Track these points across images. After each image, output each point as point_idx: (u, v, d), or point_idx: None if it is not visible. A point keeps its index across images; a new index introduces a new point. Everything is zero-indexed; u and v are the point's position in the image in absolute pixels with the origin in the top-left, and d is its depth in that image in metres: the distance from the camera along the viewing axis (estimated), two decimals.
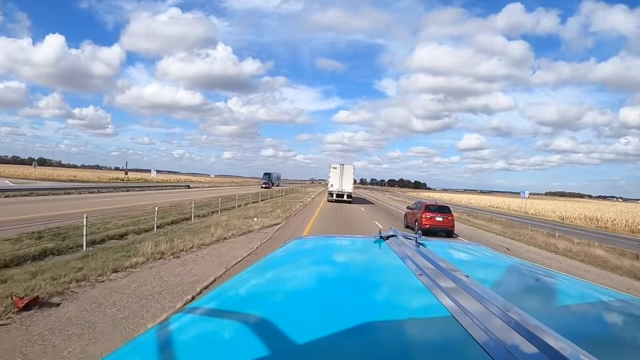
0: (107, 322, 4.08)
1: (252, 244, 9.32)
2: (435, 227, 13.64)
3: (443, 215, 14.05)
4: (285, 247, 1.30)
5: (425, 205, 14.55)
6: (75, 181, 43.43)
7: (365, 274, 1.03)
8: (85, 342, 3.56)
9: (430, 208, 14.30)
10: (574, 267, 10.75)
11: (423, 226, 13.34)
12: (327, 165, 29.97)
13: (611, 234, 26.40)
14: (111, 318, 4.21)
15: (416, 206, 15.40)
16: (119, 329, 3.95)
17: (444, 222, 13.90)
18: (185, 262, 7.09)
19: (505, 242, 14.73)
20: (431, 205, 14.67)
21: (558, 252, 13.39)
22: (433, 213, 14.03)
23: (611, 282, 9.16)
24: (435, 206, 14.58)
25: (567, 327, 0.66)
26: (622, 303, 0.89)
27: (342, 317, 0.66)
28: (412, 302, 0.78)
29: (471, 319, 0.58)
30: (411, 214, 15.65)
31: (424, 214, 13.93)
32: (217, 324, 0.69)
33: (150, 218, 10.87)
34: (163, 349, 0.59)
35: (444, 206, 14.94)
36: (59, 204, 16.26)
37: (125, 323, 4.11)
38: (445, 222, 13.92)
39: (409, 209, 16.88)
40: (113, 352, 0.60)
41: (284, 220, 14.84)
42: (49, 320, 3.99)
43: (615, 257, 12.71)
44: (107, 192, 27.80)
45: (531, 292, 0.97)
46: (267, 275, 0.99)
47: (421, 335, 0.63)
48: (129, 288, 5.29)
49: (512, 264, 1.22)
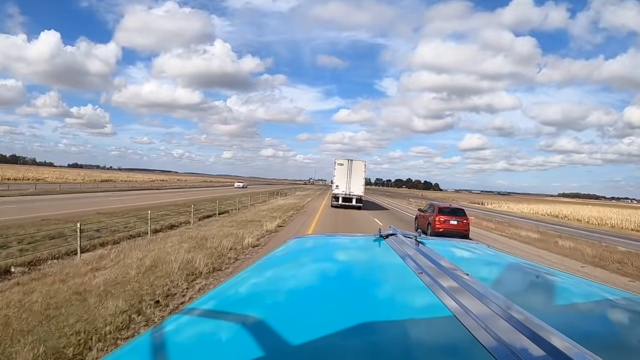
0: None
1: None
2: (450, 231, 12.76)
3: (458, 218, 13.19)
4: (285, 246, 1.28)
5: (438, 207, 13.73)
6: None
7: (366, 273, 1.03)
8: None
9: (444, 211, 13.49)
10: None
11: (436, 230, 12.62)
12: (328, 165, 25.17)
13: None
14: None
15: (428, 209, 14.57)
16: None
17: (459, 226, 13.01)
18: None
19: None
20: (445, 207, 13.89)
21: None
22: (447, 216, 13.19)
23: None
24: (449, 209, 13.81)
25: (571, 326, 0.65)
26: (627, 302, 0.86)
27: (342, 316, 0.66)
28: (412, 301, 0.77)
29: (473, 319, 0.57)
30: (423, 217, 14.74)
31: (438, 217, 13.10)
32: (217, 324, 0.67)
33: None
34: (163, 350, 0.58)
35: (459, 209, 14.09)
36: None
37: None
38: (460, 226, 13.02)
39: (420, 211, 16.00)
40: (112, 352, 0.61)
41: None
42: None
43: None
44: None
45: (533, 291, 0.96)
46: (266, 275, 0.99)
47: (422, 334, 0.63)
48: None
49: (514, 262, 1.20)
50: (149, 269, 6.24)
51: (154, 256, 7.13)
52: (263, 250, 9.19)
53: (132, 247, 8.25)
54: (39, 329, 3.73)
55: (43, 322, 3.93)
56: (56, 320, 3.99)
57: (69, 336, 3.61)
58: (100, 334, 3.75)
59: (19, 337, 3.51)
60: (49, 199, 22.09)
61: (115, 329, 3.91)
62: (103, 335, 3.74)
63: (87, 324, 3.91)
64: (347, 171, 23.10)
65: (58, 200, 22.02)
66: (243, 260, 7.92)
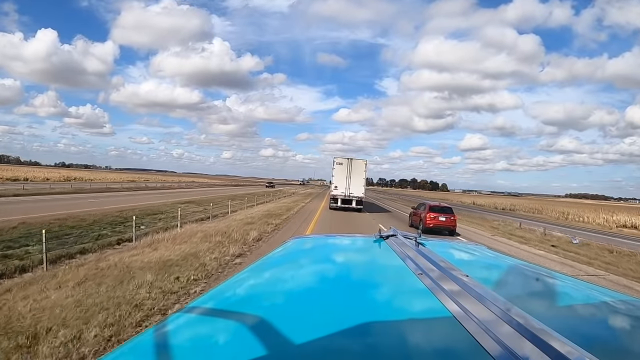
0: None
1: None
2: (439, 227, 14.58)
3: (446, 215, 14.96)
4: (284, 246, 1.29)
5: (429, 206, 15.47)
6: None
7: (365, 274, 1.03)
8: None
9: (434, 209, 15.23)
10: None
11: (427, 225, 14.33)
12: (328, 165, 22.84)
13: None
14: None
15: (420, 207, 16.37)
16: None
17: (447, 222, 14.81)
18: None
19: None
20: (435, 206, 15.60)
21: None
22: (437, 213, 14.95)
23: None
24: (439, 207, 15.51)
25: (572, 330, 0.65)
26: (630, 306, 0.87)
27: (342, 318, 0.66)
28: (412, 303, 0.77)
29: (474, 321, 0.58)
30: (416, 214, 16.61)
31: (429, 214, 14.85)
32: (215, 325, 0.68)
33: None
34: (160, 350, 0.59)
35: (447, 207, 15.83)
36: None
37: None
38: (448, 222, 14.82)
39: (413, 209, 17.82)
40: (112, 352, 0.61)
41: None
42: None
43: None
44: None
45: (533, 293, 0.95)
46: (265, 275, 0.99)
47: (422, 337, 0.63)
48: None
49: (514, 264, 1.20)
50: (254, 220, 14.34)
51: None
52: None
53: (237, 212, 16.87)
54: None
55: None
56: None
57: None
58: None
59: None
60: (146, 194, 29.32)
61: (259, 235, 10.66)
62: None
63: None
64: (347, 171, 21.49)
65: (153, 194, 29.07)
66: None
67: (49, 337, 3.43)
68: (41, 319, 3.80)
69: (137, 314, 4.19)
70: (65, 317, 3.86)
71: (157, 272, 5.83)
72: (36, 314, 3.96)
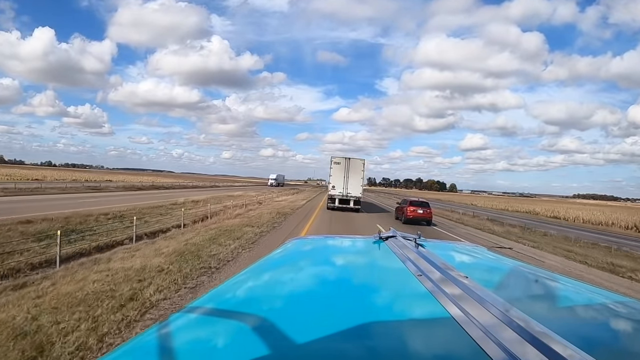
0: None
1: None
2: (417, 218, 17.99)
3: (423, 208, 18.35)
4: (284, 247, 1.31)
5: (410, 201, 18.93)
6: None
7: (365, 276, 1.04)
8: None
9: (414, 203, 18.66)
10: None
11: (408, 216, 17.72)
12: (328, 164, 21.57)
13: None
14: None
15: (403, 202, 19.84)
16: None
17: (424, 214, 18.23)
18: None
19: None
20: (415, 201, 19.06)
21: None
22: (416, 207, 18.35)
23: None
24: (418, 202, 18.92)
25: (573, 333, 0.64)
26: (630, 308, 0.87)
27: (341, 319, 0.66)
28: (412, 306, 0.77)
29: (474, 324, 0.57)
30: (399, 208, 20.08)
31: (409, 207, 18.23)
32: (215, 326, 0.69)
33: None
34: (160, 350, 0.59)
35: (425, 202, 19.24)
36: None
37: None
38: (425, 214, 18.24)
39: (398, 204, 21.28)
40: (112, 352, 0.61)
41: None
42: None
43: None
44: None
45: (534, 296, 0.95)
46: (265, 277, 1.00)
47: (423, 340, 0.63)
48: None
49: (514, 266, 1.21)
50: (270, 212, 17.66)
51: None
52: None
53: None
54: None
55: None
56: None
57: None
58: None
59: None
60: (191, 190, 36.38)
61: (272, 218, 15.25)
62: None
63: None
64: (345, 170, 21.08)
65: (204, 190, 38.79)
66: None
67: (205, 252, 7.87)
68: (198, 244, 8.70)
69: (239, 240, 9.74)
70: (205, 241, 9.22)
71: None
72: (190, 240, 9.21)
